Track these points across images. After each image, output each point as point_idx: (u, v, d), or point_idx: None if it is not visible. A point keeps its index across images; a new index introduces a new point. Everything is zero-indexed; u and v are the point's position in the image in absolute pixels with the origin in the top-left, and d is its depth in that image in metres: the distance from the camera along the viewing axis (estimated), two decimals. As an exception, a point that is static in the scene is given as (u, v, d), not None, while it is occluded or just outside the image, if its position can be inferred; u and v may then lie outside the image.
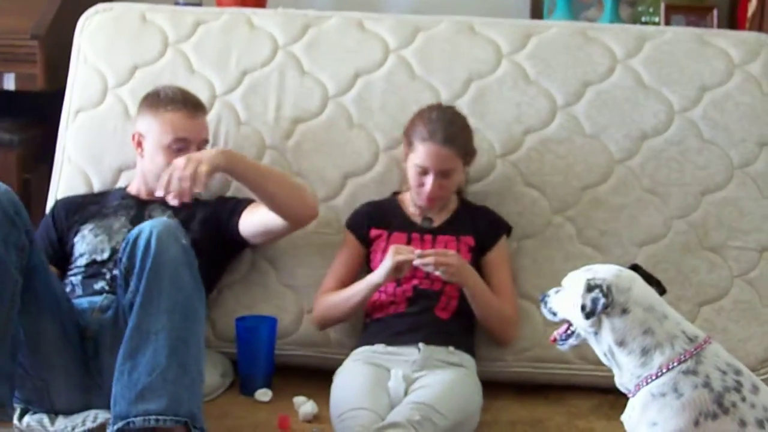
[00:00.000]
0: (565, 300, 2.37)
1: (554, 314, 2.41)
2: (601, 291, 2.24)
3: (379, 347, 2.96)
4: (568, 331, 2.40)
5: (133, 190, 3.22)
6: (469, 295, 3.02)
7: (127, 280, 2.57)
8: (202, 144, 3.16)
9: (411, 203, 3.18)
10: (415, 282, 3.04)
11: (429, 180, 3.05)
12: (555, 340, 2.44)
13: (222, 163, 2.88)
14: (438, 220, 3.16)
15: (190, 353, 2.46)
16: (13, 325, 2.55)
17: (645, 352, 2.25)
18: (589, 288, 2.26)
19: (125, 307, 2.58)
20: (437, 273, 2.93)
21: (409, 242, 3.10)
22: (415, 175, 3.08)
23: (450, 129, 3.05)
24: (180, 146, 3.07)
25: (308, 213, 3.09)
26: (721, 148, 3.32)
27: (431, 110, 3.12)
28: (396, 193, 3.27)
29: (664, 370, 2.22)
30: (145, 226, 2.57)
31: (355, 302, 3.07)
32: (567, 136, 3.35)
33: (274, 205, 3.00)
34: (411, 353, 2.91)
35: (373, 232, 3.16)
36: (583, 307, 2.25)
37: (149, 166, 3.13)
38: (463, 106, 3.35)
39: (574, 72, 3.40)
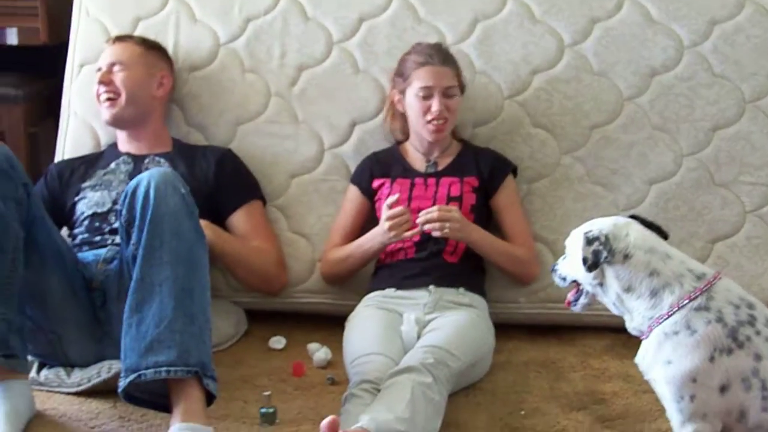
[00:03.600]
0: (570, 261, 2.38)
1: (563, 279, 2.43)
2: (600, 242, 2.25)
3: (390, 291, 2.96)
4: (577, 293, 2.42)
5: (123, 147, 3.22)
6: (477, 250, 3.03)
7: (129, 233, 2.55)
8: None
9: (413, 149, 3.18)
10: (423, 227, 3.02)
11: (435, 101, 3.04)
12: (569, 303, 2.46)
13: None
14: (441, 164, 3.15)
15: (195, 303, 2.45)
16: (18, 278, 2.55)
17: (654, 293, 2.24)
18: (589, 241, 2.26)
19: (129, 259, 2.57)
20: (444, 232, 2.91)
21: (412, 187, 3.10)
22: (419, 103, 3.07)
23: (444, 51, 3.14)
24: None
25: (269, 289, 3.24)
26: (732, 83, 3.28)
27: (417, 45, 3.17)
28: (398, 143, 3.25)
29: (675, 309, 2.21)
30: (143, 177, 2.54)
31: (363, 262, 3.10)
32: (575, 74, 3.31)
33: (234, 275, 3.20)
34: (422, 296, 2.92)
35: (376, 182, 3.16)
36: (584, 260, 2.26)
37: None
38: (469, 47, 3.33)
39: (580, 9, 3.36)
